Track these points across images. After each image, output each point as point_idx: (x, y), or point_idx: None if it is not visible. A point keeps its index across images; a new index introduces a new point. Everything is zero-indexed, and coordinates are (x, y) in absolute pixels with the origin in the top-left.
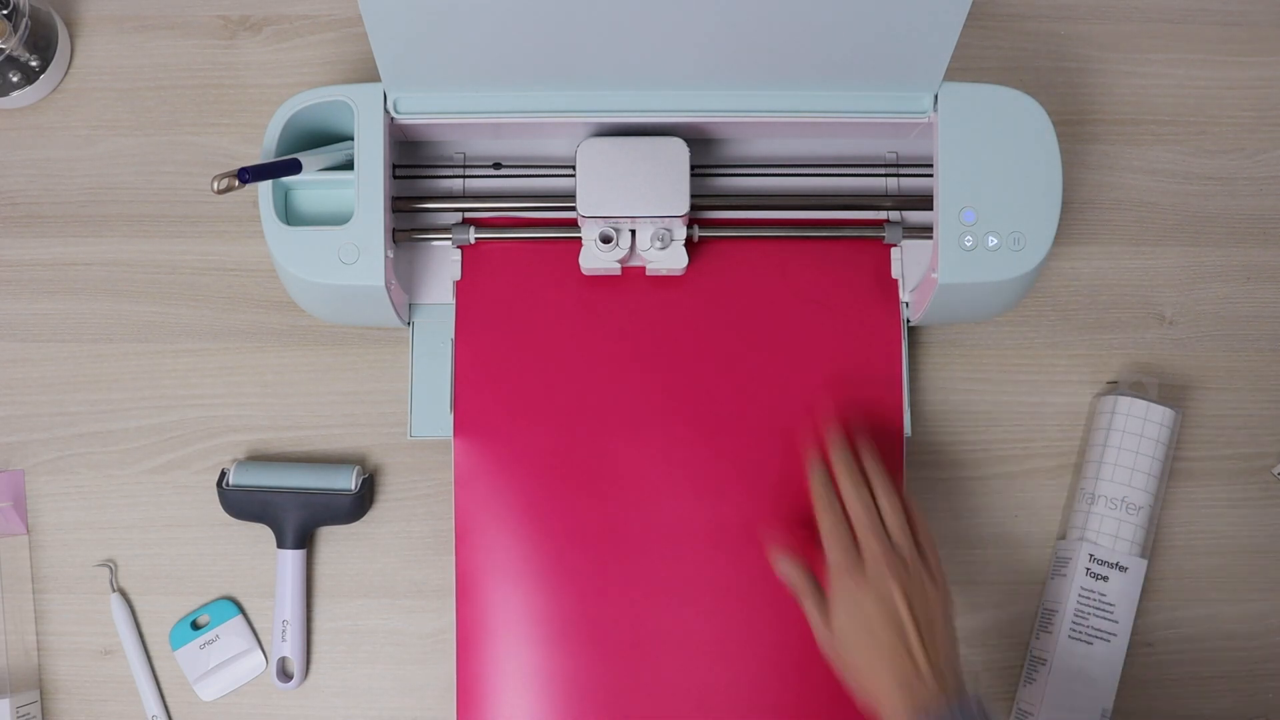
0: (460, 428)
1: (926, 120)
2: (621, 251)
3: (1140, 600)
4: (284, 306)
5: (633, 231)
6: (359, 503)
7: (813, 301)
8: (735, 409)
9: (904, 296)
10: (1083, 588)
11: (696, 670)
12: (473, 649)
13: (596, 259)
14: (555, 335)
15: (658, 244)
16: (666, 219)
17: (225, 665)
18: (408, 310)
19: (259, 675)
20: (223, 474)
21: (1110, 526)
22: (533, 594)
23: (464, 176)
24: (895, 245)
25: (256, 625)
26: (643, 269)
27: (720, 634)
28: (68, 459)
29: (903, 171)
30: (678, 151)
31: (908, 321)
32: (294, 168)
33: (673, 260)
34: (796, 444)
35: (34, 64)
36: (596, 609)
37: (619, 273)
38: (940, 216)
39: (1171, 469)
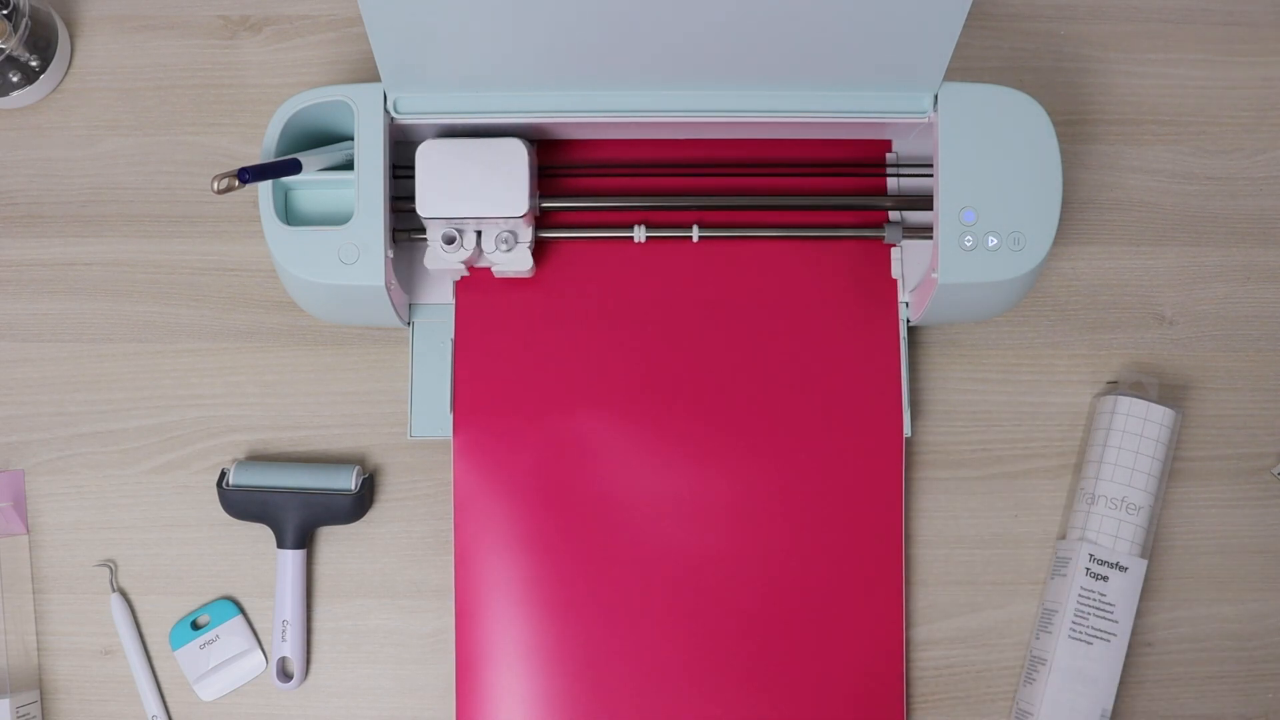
0: (460, 428)
1: (926, 120)
2: (466, 253)
3: (1140, 600)
4: (284, 306)
5: (478, 233)
6: (359, 503)
7: (813, 301)
8: (735, 409)
9: (904, 296)
10: (1083, 588)
11: (695, 669)
12: (472, 649)
13: (440, 260)
14: (555, 335)
15: (503, 246)
16: (507, 220)
17: (225, 665)
18: (408, 310)
19: (259, 675)
20: (223, 474)
21: (1110, 526)
22: (532, 594)
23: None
24: (895, 245)
25: (256, 625)
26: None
27: (720, 632)
28: (68, 459)
29: (903, 171)
30: (517, 152)
31: (908, 321)
32: (294, 168)
33: (517, 263)
34: (795, 444)
35: (34, 64)
36: (596, 609)
37: (466, 274)
38: (940, 216)
39: (1171, 469)
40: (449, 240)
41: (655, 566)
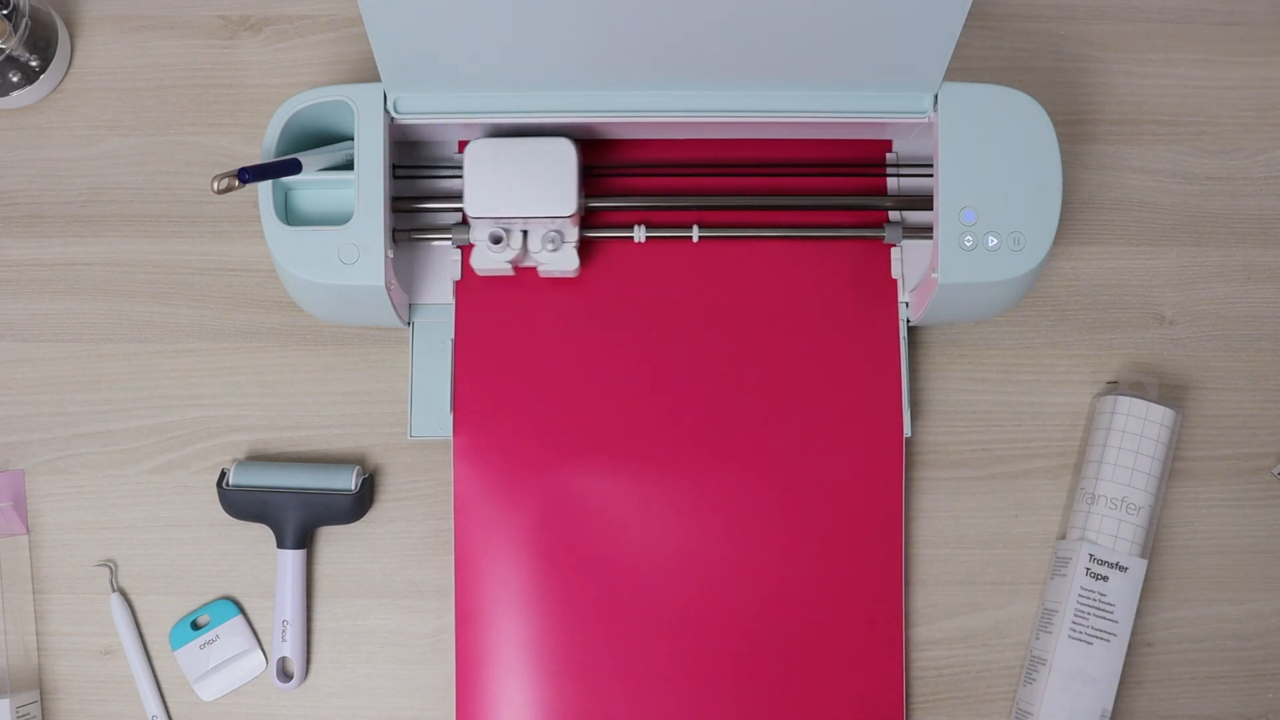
0: (460, 428)
1: (926, 120)
2: (512, 252)
3: (1140, 600)
4: (284, 306)
5: (524, 232)
6: (359, 503)
7: (813, 301)
8: (735, 409)
9: (904, 296)
10: (1083, 588)
11: (695, 668)
12: (472, 649)
13: (487, 260)
14: (555, 335)
15: (549, 246)
16: (555, 220)
17: (225, 665)
18: (408, 310)
19: (259, 675)
20: (223, 474)
21: (1110, 526)
22: (532, 593)
23: (464, 176)
24: (895, 245)
25: (256, 625)
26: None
27: (719, 630)
28: (68, 459)
29: (903, 171)
30: (566, 152)
31: (908, 321)
32: (294, 168)
33: (563, 262)
34: (795, 444)
35: (34, 64)
36: (595, 607)
37: (511, 273)
38: (940, 216)
39: (1171, 469)
40: (496, 240)
41: (654, 564)
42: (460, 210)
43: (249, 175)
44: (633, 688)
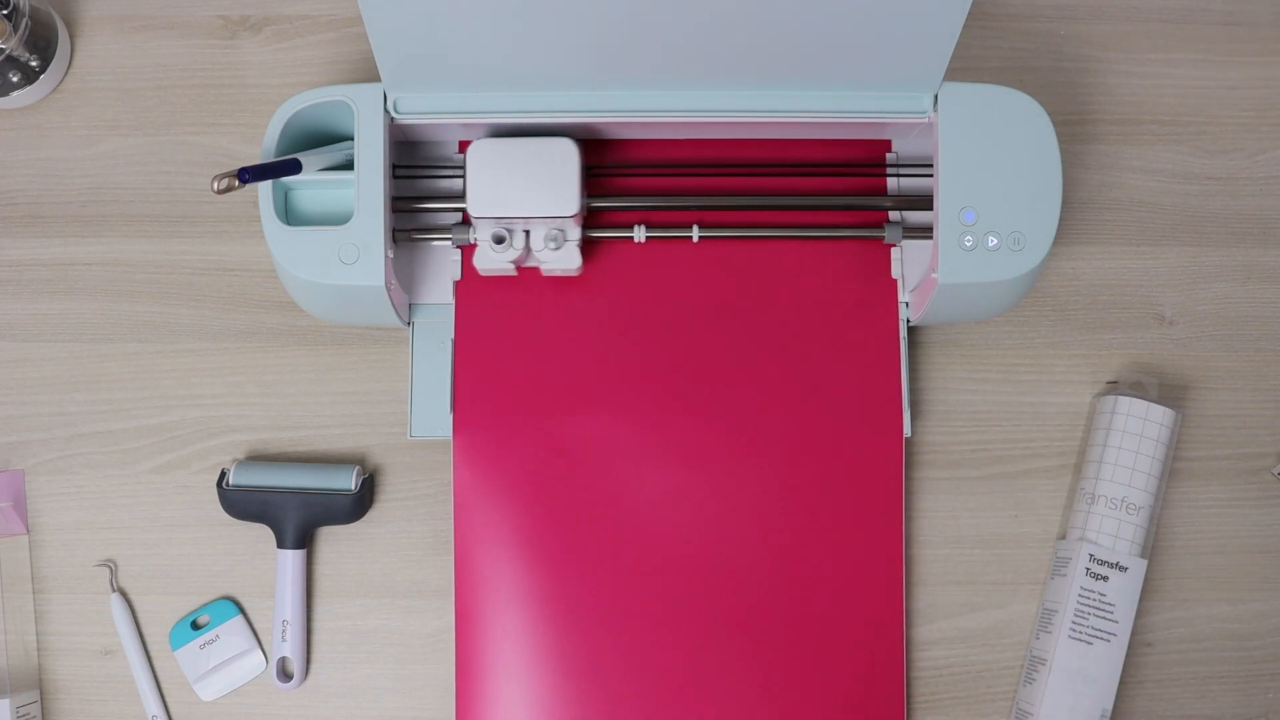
0: (460, 428)
1: (926, 120)
2: (515, 252)
3: (1140, 600)
4: (284, 306)
5: (527, 232)
6: (359, 503)
7: (812, 301)
8: (735, 409)
9: (904, 296)
10: (1083, 588)
11: (696, 670)
12: (472, 649)
13: (490, 260)
14: (555, 335)
15: (551, 245)
16: (557, 219)
17: (225, 665)
18: (408, 310)
19: (259, 675)
20: (223, 474)
21: (1110, 526)
22: (532, 593)
23: (464, 176)
24: (895, 245)
25: (256, 625)
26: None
27: (720, 633)
28: (68, 459)
29: (903, 171)
30: (568, 152)
31: (908, 321)
32: (294, 168)
33: (566, 261)
34: (795, 444)
35: (34, 64)
36: (595, 608)
37: (514, 273)
38: (940, 216)
39: (1171, 469)
40: (499, 240)
41: (655, 566)
42: (460, 210)
43: (249, 175)
44: (633, 687)
